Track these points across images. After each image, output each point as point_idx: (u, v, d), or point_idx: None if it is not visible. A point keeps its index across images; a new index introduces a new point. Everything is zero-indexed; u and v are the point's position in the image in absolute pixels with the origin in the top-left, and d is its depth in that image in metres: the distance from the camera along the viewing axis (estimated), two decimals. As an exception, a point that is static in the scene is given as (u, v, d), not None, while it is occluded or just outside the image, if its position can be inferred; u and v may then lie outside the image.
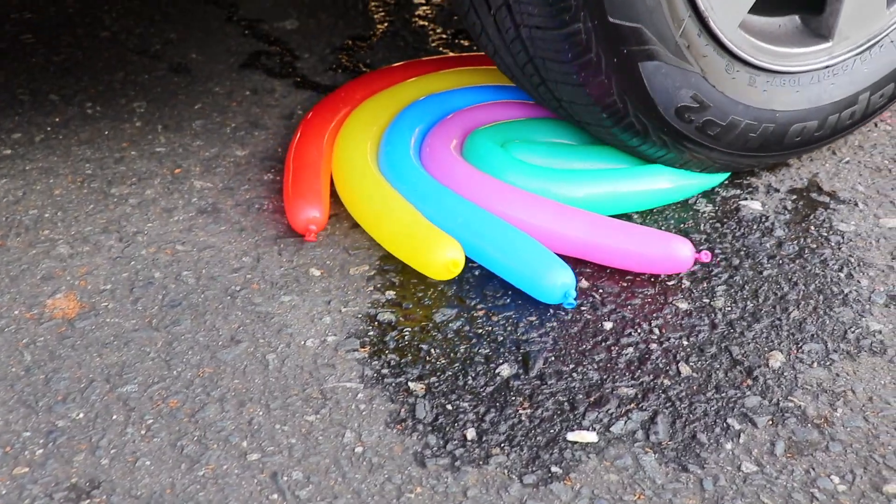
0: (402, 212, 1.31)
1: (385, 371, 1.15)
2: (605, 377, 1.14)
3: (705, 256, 1.27)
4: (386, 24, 1.98)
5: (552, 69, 1.27)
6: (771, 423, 1.09)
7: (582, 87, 1.26)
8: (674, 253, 1.26)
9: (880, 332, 1.22)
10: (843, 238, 1.38)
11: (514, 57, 1.32)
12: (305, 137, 1.49)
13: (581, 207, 1.36)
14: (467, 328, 1.22)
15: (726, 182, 1.49)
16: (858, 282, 1.30)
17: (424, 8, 2.05)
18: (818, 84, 1.41)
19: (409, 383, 1.14)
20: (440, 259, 1.24)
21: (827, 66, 1.40)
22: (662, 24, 1.22)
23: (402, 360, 1.17)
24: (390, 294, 1.27)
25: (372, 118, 1.52)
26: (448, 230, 1.28)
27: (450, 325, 1.22)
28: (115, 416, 1.09)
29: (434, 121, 1.52)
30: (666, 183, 1.42)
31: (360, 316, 1.24)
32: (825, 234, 1.39)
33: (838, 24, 1.38)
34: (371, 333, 1.21)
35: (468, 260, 1.30)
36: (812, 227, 1.40)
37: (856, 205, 1.44)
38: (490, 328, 1.22)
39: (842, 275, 1.31)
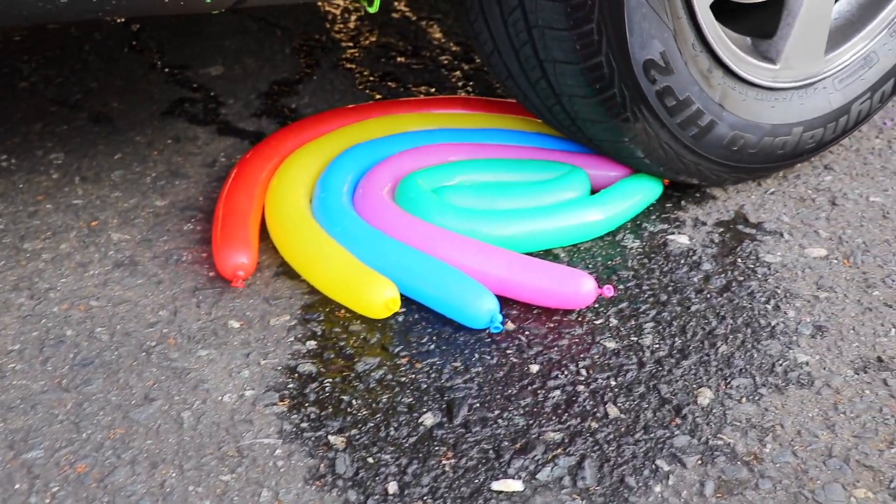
0: (337, 256, 1.32)
1: (304, 425, 1.11)
2: (531, 422, 1.12)
3: (608, 291, 1.26)
4: (312, 68, 1.96)
5: None
6: (700, 462, 1.07)
7: (562, 3, 1.23)
8: (579, 288, 1.26)
9: (807, 363, 1.21)
10: (769, 269, 1.37)
11: None
12: (236, 184, 1.47)
13: (510, 246, 1.35)
14: (390, 377, 1.18)
15: (654, 217, 1.49)
16: (785, 313, 1.29)
17: (352, 50, 2.03)
18: (762, 102, 1.42)
19: (329, 437, 1.10)
20: (378, 299, 1.25)
21: (770, 88, 1.42)
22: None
23: (323, 413, 1.13)
24: (311, 344, 1.24)
25: (305, 166, 1.51)
26: (380, 270, 1.29)
27: (372, 374, 1.19)
28: (17, 486, 1.04)
29: (367, 167, 1.51)
30: (595, 216, 1.41)
31: (279, 368, 1.20)
32: (752, 267, 1.38)
33: (784, 51, 1.42)
34: (291, 386, 1.17)
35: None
36: (739, 260, 1.39)
37: (781, 235, 1.44)
38: (413, 376, 1.18)
39: (769, 307, 1.30)
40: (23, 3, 1.07)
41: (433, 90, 1.88)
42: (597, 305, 1.30)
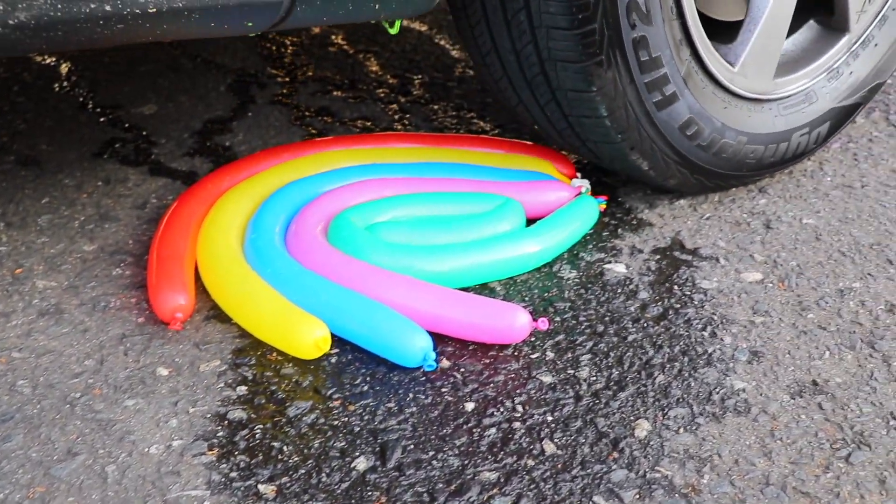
0: (267, 297, 1.30)
1: (234, 474, 1.08)
2: (466, 462, 1.10)
3: (543, 324, 1.25)
4: (247, 104, 1.94)
5: None
6: (638, 496, 1.06)
7: None
8: (512, 322, 1.25)
9: (744, 390, 1.20)
10: (705, 296, 1.37)
11: None
12: (171, 225, 1.45)
13: (446, 281, 1.34)
14: (322, 421, 1.16)
15: (591, 246, 1.48)
16: (722, 340, 1.29)
17: (288, 85, 2.02)
18: (716, 98, 1.45)
19: (259, 486, 1.07)
20: (308, 339, 1.24)
21: (725, 89, 1.46)
22: None
23: (253, 461, 1.10)
24: (242, 390, 1.21)
25: (238, 206, 1.49)
26: (312, 310, 1.28)
27: (304, 418, 1.16)
28: (-69, 552, 0.99)
29: (300, 206, 1.49)
30: (532, 247, 1.41)
31: (209, 416, 1.17)
32: (688, 293, 1.38)
33: (743, 57, 1.46)
34: (220, 434, 1.14)
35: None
36: (675, 287, 1.39)
37: (717, 261, 1.44)
38: (346, 419, 1.16)
39: (705, 334, 1.30)
40: (82, 30, 1.07)
41: (369, 124, 1.86)
42: (533, 339, 1.29)
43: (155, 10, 1.08)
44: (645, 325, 1.32)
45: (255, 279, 1.33)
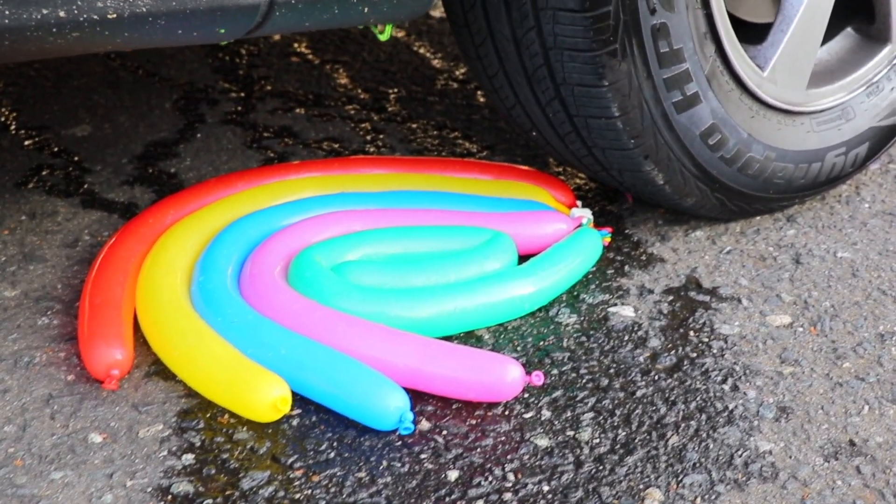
0: (217, 350, 1.32)
1: (178, 559, 1.09)
2: (449, 541, 1.11)
3: (537, 378, 1.27)
4: (196, 124, 1.96)
5: None
6: (648, 578, 1.07)
7: None
8: (501, 376, 1.26)
9: (770, 452, 1.22)
10: (726, 343, 1.39)
11: None
12: (106, 267, 1.46)
13: (426, 329, 1.36)
14: (282, 494, 1.17)
15: (593, 286, 1.50)
16: (745, 394, 1.30)
17: (239, 106, 2.04)
18: (742, 105, 1.49)
19: (208, 572, 1.08)
20: (264, 399, 1.24)
21: (752, 95, 1.49)
22: None
23: (201, 543, 1.11)
24: (188, 458, 1.22)
25: (183, 244, 1.51)
26: (269, 365, 1.29)
27: (260, 491, 1.17)
28: None
29: (255, 243, 1.51)
30: (526, 288, 1.43)
31: (149, 490, 1.18)
32: (706, 340, 1.40)
33: (773, 60, 1.50)
34: (163, 511, 1.15)
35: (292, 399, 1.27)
36: (691, 333, 1.41)
37: (739, 302, 1.47)
38: (310, 491, 1.17)
39: (726, 387, 1.32)
40: (32, 39, 1.09)
41: (337, 146, 1.89)
42: (526, 395, 1.30)
43: (115, 15, 1.10)
44: (656, 377, 1.34)
45: (204, 329, 1.35)
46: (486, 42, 1.49)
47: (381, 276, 1.43)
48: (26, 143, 1.91)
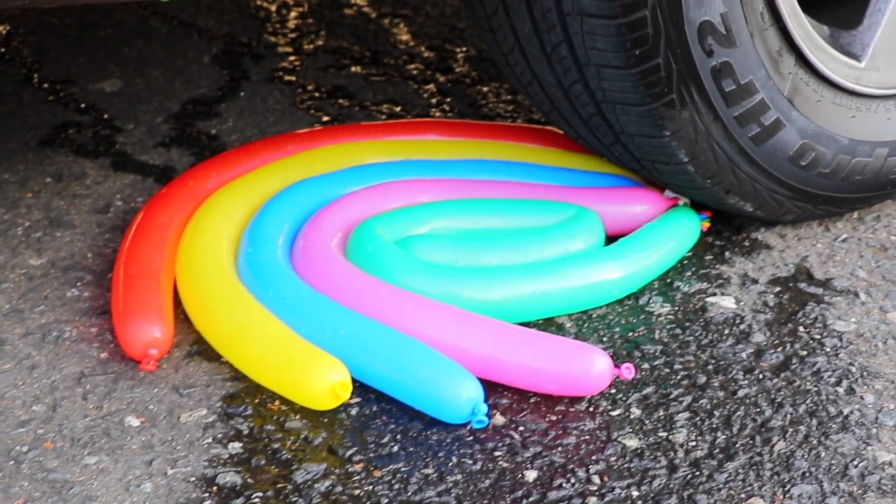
0: (268, 328, 1.35)
1: (226, 555, 1.14)
2: (526, 547, 1.14)
3: (627, 371, 1.30)
4: (239, 81, 2.01)
5: None
6: None
7: None
8: (587, 368, 1.29)
9: (890, 463, 1.24)
10: (840, 341, 1.41)
11: None
12: (142, 239, 1.51)
13: (499, 314, 1.39)
14: (339, 489, 1.21)
15: (689, 273, 1.53)
16: (861, 398, 1.33)
17: (292, 58, 2.09)
18: (840, 108, 1.49)
19: (259, 570, 1.12)
20: (322, 384, 1.28)
21: (851, 92, 1.49)
22: None
23: (250, 539, 1.16)
24: (235, 447, 1.26)
25: (229, 212, 1.55)
26: (326, 347, 1.32)
27: (315, 485, 1.21)
28: None
29: (309, 212, 1.55)
30: (613, 272, 1.45)
31: (193, 479, 1.22)
32: (818, 337, 1.42)
33: (872, 45, 1.49)
34: (208, 503, 1.19)
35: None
36: (801, 329, 1.43)
37: (856, 296, 1.48)
38: (371, 487, 1.21)
39: (840, 390, 1.34)
40: None
41: (398, 109, 1.92)
42: (613, 391, 1.33)
43: None
44: (760, 376, 1.36)
45: (253, 305, 1.39)
46: (533, 84, 1.53)
47: (450, 253, 1.46)
48: (50, 97, 1.96)
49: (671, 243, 1.52)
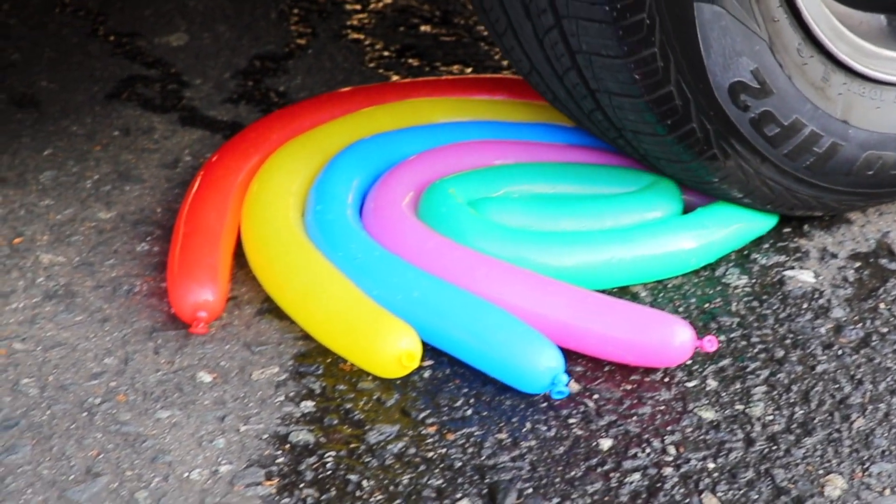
0: (338, 289, 1.36)
1: (299, 512, 1.16)
2: (601, 515, 1.16)
3: (709, 344, 1.30)
4: (308, 39, 2.02)
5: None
6: (828, 573, 1.11)
7: (612, 25, 1.30)
8: (668, 339, 1.30)
9: (974, 445, 1.25)
10: (923, 319, 1.42)
11: None
12: (203, 194, 1.53)
13: (572, 280, 1.40)
14: (413, 451, 1.23)
15: (766, 245, 1.53)
16: (944, 378, 1.33)
17: (360, 16, 2.10)
18: None
19: (333, 529, 1.15)
20: (390, 351, 1.29)
21: None
22: None
23: (323, 497, 1.18)
24: (308, 406, 1.29)
25: (295, 167, 1.56)
26: (397, 310, 1.33)
27: (389, 447, 1.24)
28: (-79, 584, 1.09)
29: (379, 170, 1.56)
30: (687, 242, 1.46)
31: (265, 437, 1.25)
32: (899, 314, 1.43)
33: None
34: (281, 461, 1.22)
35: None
36: (882, 306, 1.44)
37: (940, 274, 1.49)
38: (444, 450, 1.23)
39: (922, 369, 1.35)
40: None
41: (469, 70, 1.93)
42: (689, 362, 1.34)
43: None
44: (840, 352, 1.37)
45: (322, 265, 1.40)
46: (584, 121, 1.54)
47: (524, 217, 1.47)
48: (116, 50, 1.99)
49: (750, 215, 1.52)
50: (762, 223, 1.53)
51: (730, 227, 1.49)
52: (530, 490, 1.19)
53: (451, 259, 1.38)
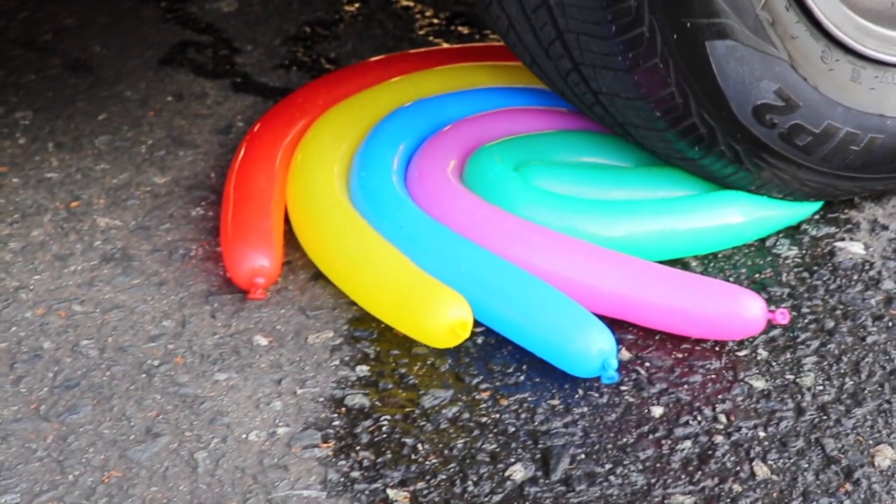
0: (386, 258, 1.37)
1: (356, 474, 1.19)
2: (653, 481, 1.18)
3: (782, 316, 1.31)
4: (357, 6, 2.04)
5: (589, 48, 1.33)
6: (878, 542, 1.13)
7: (628, 73, 1.32)
8: (738, 311, 1.30)
9: None
10: (974, 291, 1.42)
11: (537, 33, 1.38)
12: (251, 159, 1.54)
13: (624, 250, 1.40)
14: (467, 416, 1.25)
15: (817, 217, 1.54)
16: None
17: (409, -17, 2.11)
18: None
19: (389, 490, 1.17)
20: (442, 320, 1.29)
21: None
22: None
23: (379, 460, 1.20)
24: (363, 370, 1.31)
25: (340, 132, 1.57)
26: (447, 281, 1.33)
27: (443, 411, 1.26)
28: (-11, 538, 1.12)
29: (424, 135, 1.57)
30: (737, 216, 1.46)
31: (321, 400, 1.27)
32: (950, 287, 1.43)
33: None
34: (337, 423, 1.24)
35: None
36: (933, 277, 1.44)
37: None
38: (498, 415, 1.25)
39: (973, 341, 1.35)
40: None
41: (518, 39, 1.94)
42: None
43: None
44: (890, 323, 1.37)
45: (368, 232, 1.40)
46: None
47: (574, 185, 1.47)
48: (167, 16, 2.01)
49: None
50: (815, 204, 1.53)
51: (779, 207, 1.49)
52: (583, 456, 1.21)
53: (502, 229, 1.38)
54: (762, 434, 1.23)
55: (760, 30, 1.31)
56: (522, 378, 1.30)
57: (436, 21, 1.99)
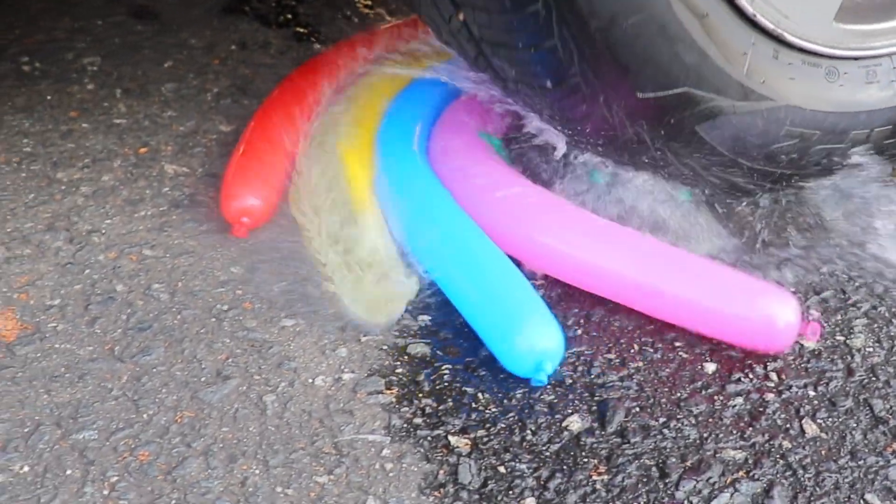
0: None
1: (418, 421, 1.23)
2: (705, 435, 1.21)
3: (812, 332, 1.30)
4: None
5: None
6: (923, 500, 1.16)
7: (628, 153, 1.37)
8: (766, 316, 1.27)
9: None
10: None
11: None
12: (273, 106, 1.59)
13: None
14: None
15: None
16: None
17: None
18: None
19: (450, 437, 1.21)
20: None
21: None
22: (716, 74, 1.27)
23: (441, 408, 1.24)
24: (424, 319, 1.35)
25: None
26: (421, 248, 1.39)
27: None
28: (69, 471, 1.17)
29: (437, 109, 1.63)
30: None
31: (385, 347, 1.31)
32: None
33: None
34: (400, 371, 1.29)
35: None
36: (983, 243, 1.46)
37: None
38: (556, 368, 1.29)
39: None
40: None
41: None
42: (792, 291, 1.38)
43: None
44: (940, 288, 1.40)
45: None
46: None
47: None
48: (229, -36, 2.04)
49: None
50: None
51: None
52: (637, 409, 1.24)
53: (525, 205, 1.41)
54: (812, 393, 1.27)
55: (749, 93, 1.31)
56: (580, 332, 1.33)
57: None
